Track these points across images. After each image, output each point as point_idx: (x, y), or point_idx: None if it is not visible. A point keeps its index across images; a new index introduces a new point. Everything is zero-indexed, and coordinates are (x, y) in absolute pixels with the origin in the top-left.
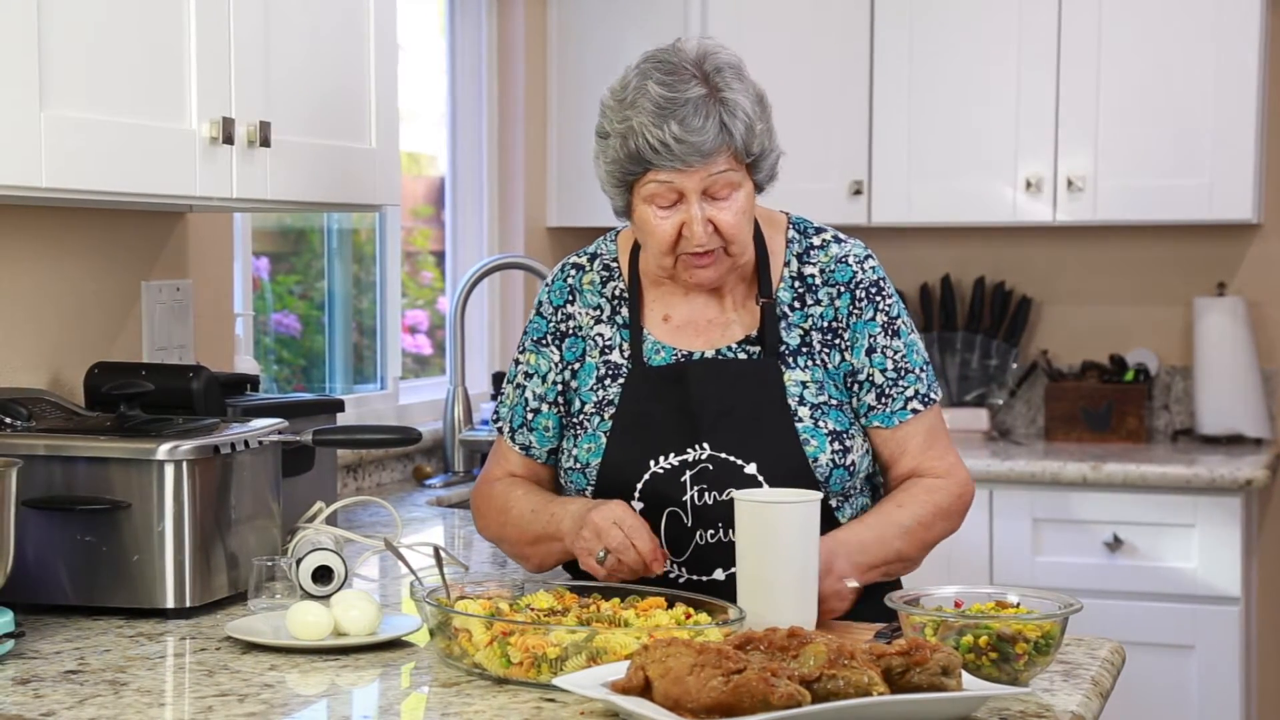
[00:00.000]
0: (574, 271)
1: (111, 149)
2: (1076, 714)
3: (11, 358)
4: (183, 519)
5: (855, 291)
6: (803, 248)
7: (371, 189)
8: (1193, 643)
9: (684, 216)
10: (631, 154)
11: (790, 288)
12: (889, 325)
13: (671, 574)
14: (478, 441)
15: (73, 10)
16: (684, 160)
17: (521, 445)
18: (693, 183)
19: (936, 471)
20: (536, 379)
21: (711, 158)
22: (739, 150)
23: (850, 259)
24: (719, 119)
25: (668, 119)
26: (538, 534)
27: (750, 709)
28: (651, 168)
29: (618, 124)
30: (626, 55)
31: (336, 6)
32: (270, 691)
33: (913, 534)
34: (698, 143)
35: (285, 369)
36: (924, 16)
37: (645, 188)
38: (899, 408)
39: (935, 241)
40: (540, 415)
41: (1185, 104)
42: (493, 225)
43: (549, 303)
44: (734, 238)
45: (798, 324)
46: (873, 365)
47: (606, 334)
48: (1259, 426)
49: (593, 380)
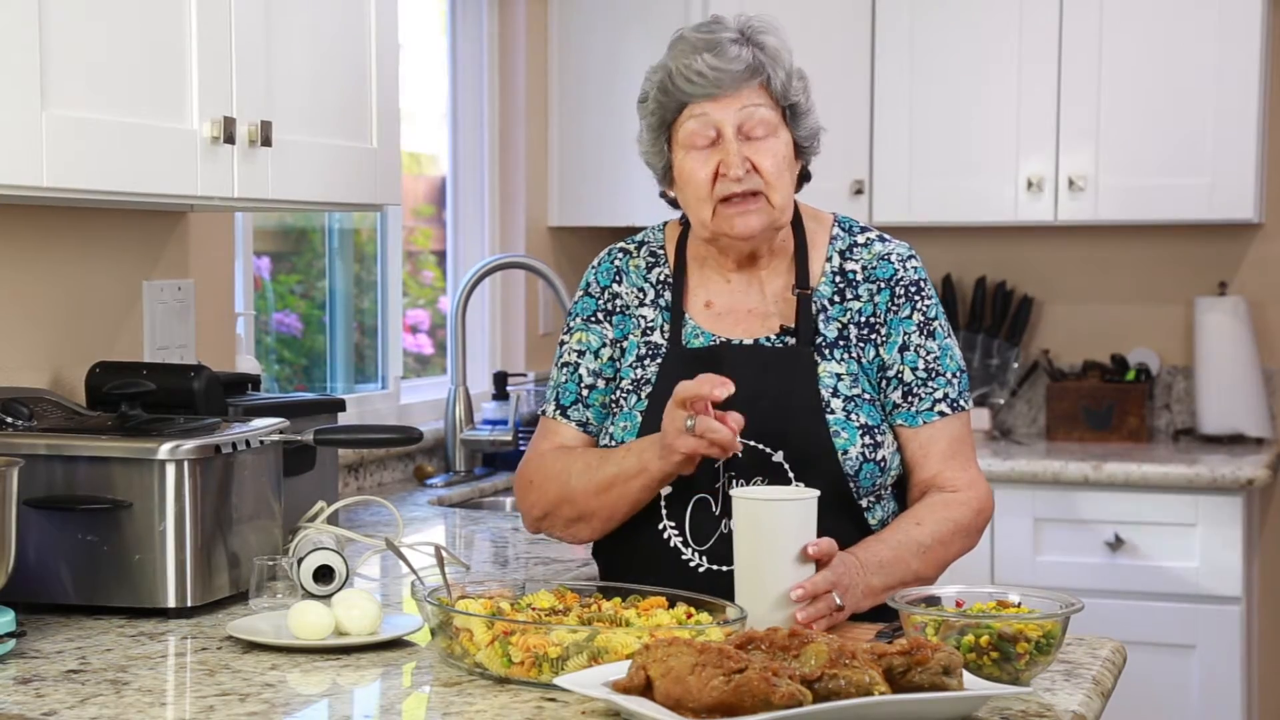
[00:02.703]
0: (620, 255)
1: (113, 148)
2: (1078, 713)
3: (13, 357)
4: (184, 518)
5: (895, 288)
6: (846, 244)
7: (372, 188)
8: (1194, 642)
9: (721, 155)
10: (667, 92)
11: (831, 282)
12: (925, 325)
13: (692, 562)
14: (479, 441)
15: (74, 10)
16: (716, 85)
17: (578, 421)
18: (728, 115)
19: (957, 484)
20: (590, 355)
21: (744, 86)
22: (776, 89)
23: (893, 257)
24: (753, 54)
25: (702, 52)
26: (611, 476)
27: (751, 708)
28: (688, 101)
29: (656, 75)
30: (627, 55)
31: (338, 6)
32: (271, 691)
33: (931, 553)
34: (730, 68)
35: (286, 368)
36: (925, 16)
37: (683, 129)
38: (925, 408)
39: (936, 241)
40: (596, 391)
41: (1187, 103)
42: (494, 225)
43: (596, 283)
44: (773, 182)
45: (836, 317)
46: (904, 363)
47: (649, 315)
48: (1260, 426)
49: (632, 359)
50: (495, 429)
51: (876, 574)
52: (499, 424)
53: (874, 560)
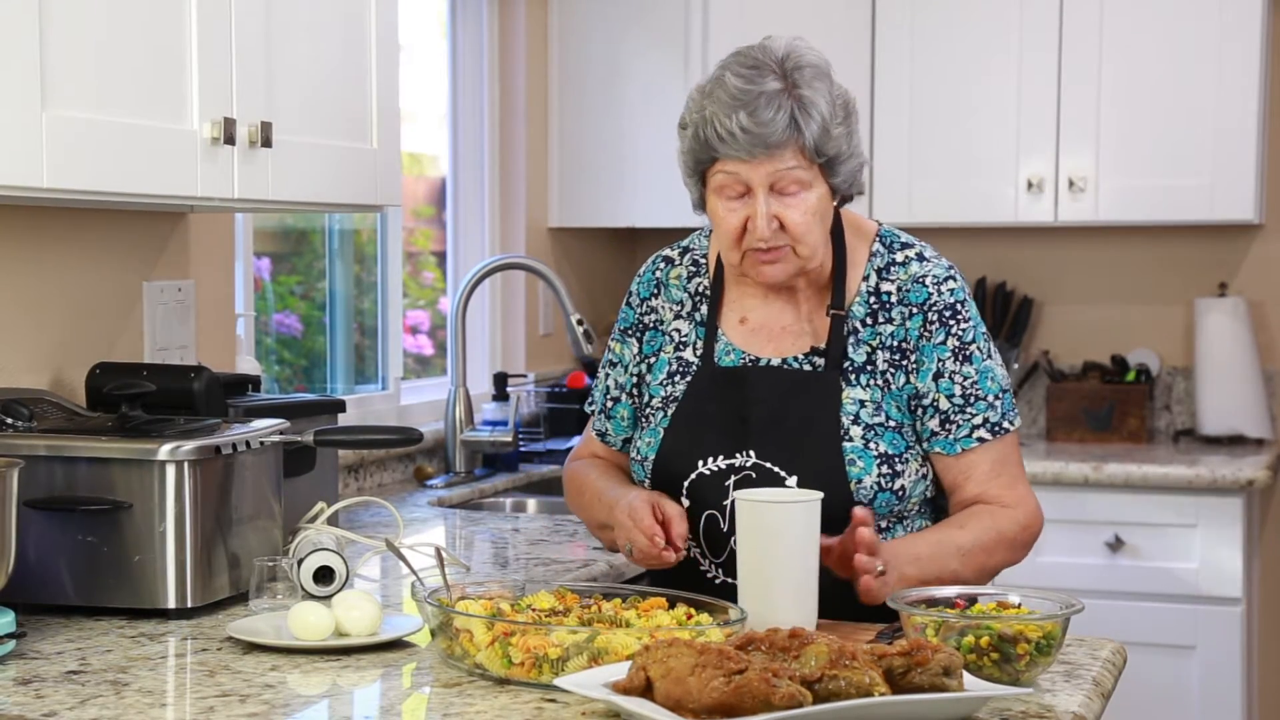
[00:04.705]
0: (663, 265)
1: (113, 149)
2: (1078, 714)
3: (13, 358)
4: (184, 519)
5: (928, 314)
6: (884, 262)
7: (373, 189)
8: (1194, 643)
9: (750, 210)
10: (701, 142)
11: (865, 303)
12: (960, 350)
13: (709, 574)
14: (479, 442)
15: (74, 10)
16: (749, 151)
17: (599, 431)
18: (759, 176)
19: (1004, 500)
20: (620, 368)
21: (778, 151)
22: (809, 149)
23: (928, 280)
24: (790, 113)
25: (738, 109)
26: (602, 520)
27: (752, 709)
28: (719, 157)
29: (695, 114)
30: (627, 55)
31: (338, 7)
32: (271, 692)
33: (971, 557)
34: (764, 134)
35: (286, 369)
36: (925, 17)
37: (714, 178)
38: (963, 435)
39: (936, 242)
40: (619, 404)
41: (1187, 104)
42: (494, 225)
43: (636, 294)
44: (800, 238)
45: (866, 341)
46: (939, 390)
47: (684, 330)
48: (1260, 427)
49: (663, 375)
50: (495, 430)
51: (912, 565)
52: (499, 425)
53: (910, 553)
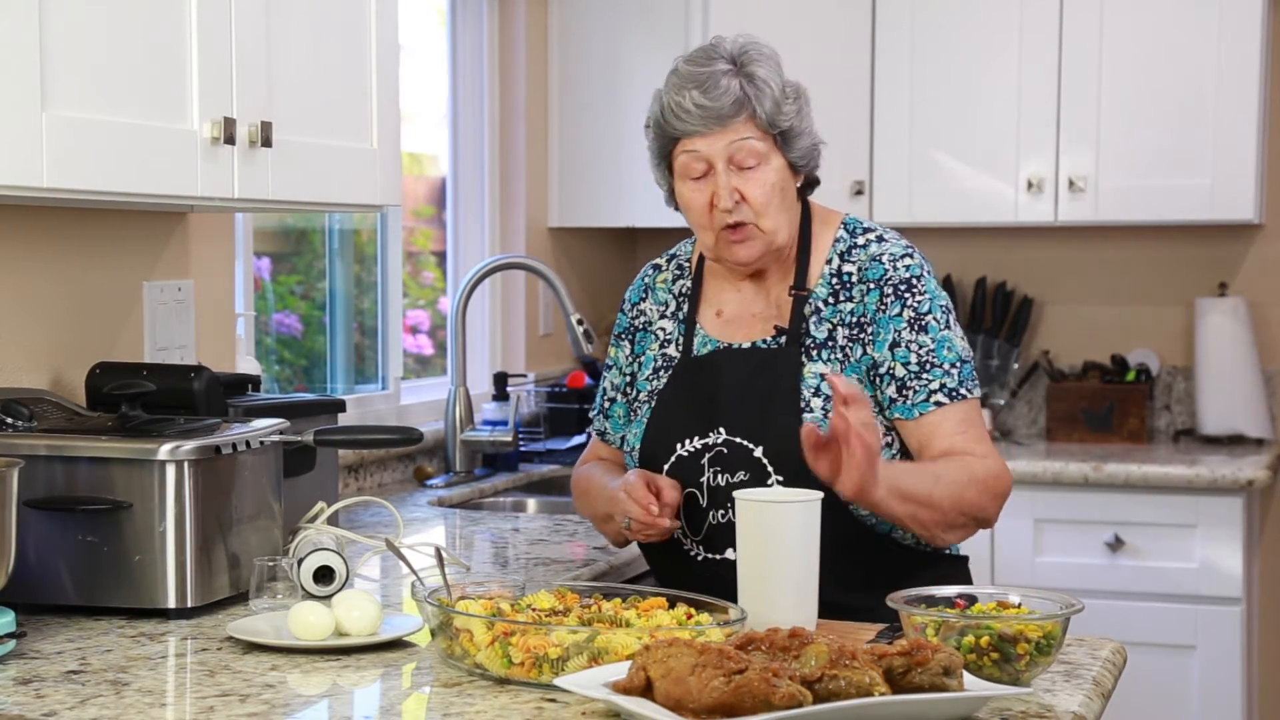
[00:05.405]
0: (652, 271)
1: (113, 149)
2: (1078, 714)
3: (13, 358)
4: (184, 519)
5: (884, 288)
6: (847, 246)
7: (373, 189)
8: (1194, 643)
9: (714, 187)
10: (660, 127)
11: (828, 284)
12: (916, 321)
13: (691, 551)
14: (479, 442)
15: (74, 10)
16: (704, 124)
17: (598, 431)
18: (717, 149)
19: (974, 451)
20: (615, 370)
21: (731, 122)
22: (762, 120)
23: (885, 257)
24: (740, 86)
25: (691, 88)
26: (605, 511)
27: (752, 709)
28: (679, 136)
29: (654, 106)
30: (627, 56)
31: (338, 7)
32: (271, 692)
33: (945, 486)
34: (716, 107)
35: (286, 369)
36: (925, 17)
37: (678, 161)
38: (920, 399)
39: (937, 242)
40: (615, 404)
41: (1187, 104)
42: (494, 225)
43: (628, 300)
44: (761, 210)
45: (828, 318)
46: (894, 359)
47: (668, 328)
48: (1260, 427)
49: (649, 371)
50: (495, 430)
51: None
52: (499, 425)
53: (893, 469)
